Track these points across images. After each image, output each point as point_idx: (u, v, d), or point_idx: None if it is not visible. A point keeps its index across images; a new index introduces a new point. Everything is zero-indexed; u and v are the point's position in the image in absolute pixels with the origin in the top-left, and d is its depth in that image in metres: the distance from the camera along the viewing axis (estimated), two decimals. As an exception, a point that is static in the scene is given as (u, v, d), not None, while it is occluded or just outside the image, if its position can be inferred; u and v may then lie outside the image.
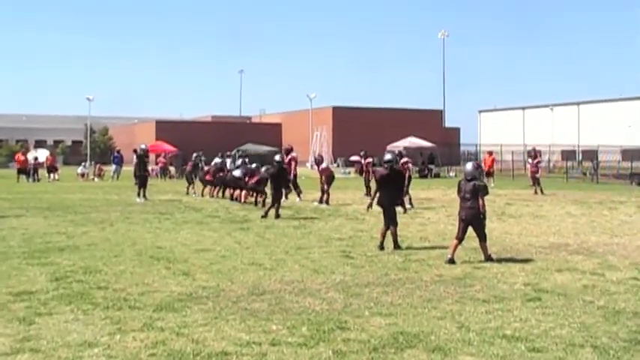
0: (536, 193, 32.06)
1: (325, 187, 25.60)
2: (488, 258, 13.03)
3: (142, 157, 29.01)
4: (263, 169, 24.92)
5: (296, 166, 27.31)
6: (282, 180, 22.34)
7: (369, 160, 32.72)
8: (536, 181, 32.82)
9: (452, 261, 12.75)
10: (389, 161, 15.23)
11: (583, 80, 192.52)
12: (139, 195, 27.73)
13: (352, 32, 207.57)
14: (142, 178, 28.14)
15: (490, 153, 45.78)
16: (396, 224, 14.73)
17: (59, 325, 8.46)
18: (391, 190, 14.96)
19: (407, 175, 24.15)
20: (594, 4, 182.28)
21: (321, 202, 25.46)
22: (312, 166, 27.34)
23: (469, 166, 13.80)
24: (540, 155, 34.63)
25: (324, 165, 26.25)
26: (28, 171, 48.79)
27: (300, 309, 9.34)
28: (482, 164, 45.11)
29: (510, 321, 8.70)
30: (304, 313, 9.09)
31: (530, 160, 34.41)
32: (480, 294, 10.23)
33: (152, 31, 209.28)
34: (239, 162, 29.57)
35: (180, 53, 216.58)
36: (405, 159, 24.00)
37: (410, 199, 23.97)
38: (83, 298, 9.94)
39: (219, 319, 8.77)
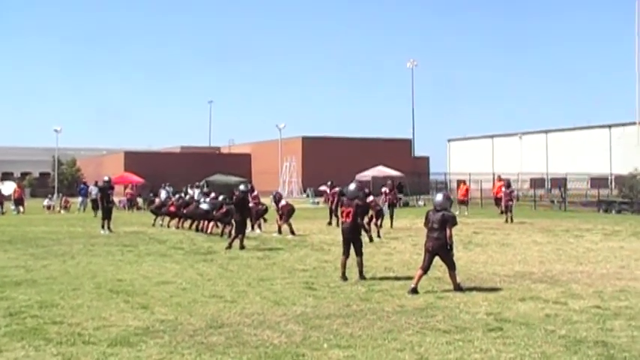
0: (507, 221, 32.09)
1: (284, 219, 25.51)
2: (458, 287, 12.96)
3: (105, 189, 28.66)
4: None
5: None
6: (246, 210, 22.11)
7: (336, 189, 32.72)
8: (508, 210, 32.87)
9: (415, 291, 12.66)
10: (353, 195, 15.23)
11: (551, 108, 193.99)
12: (102, 227, 27.41)
13: (321, 62, 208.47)
14: (106, 210, 27.86)
15: (464, 182, 46.06)
16: (361, 254, 14.65)
17: (7, 363, 8.22)
18: (357, 222, 14.86)
19: (377, 209, 24.35)
20: (561, 35, 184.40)
21: (280, 232, 25.33)
22: (272, 202, 27.15)
23: (439, 196, 13.76)
24: (509, 187, 34.69)
25: (282, 202, 26.13)
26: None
27: (258, 342, 9.17)
28: (457, 193, 45.43)
29: (471, 352, 8.59)
30: (262, 347, 8.92)
31: (503, 189, 34.41)
32: (441, 324, 10.12)
33: (120, 63, 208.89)
34: (208, 198, 29.15)
35: (149, 84, 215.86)
36: (371, 197, 23.97)
37: (378, 232, 23.97)
38: (36, 333, 9.70)
39: (174, 354, 8.59)
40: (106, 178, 30.02)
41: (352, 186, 15.78)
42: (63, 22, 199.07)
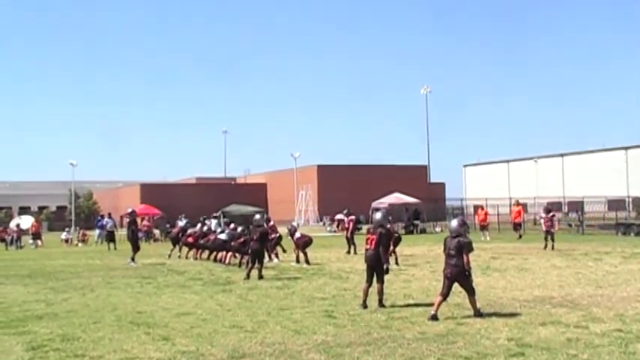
0: (549, 248, 30.30)
1: (300, 249, 25.60)
2: (478, 313, 12.94)
3: (133, 222, 28.97)
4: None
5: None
6: (266, 241, 22.15)
7: (352, 217, 32.77)
8: (551, 236, 30.91)
9: (435, 317, 12.64)
10: (379, 223, 15.24)
11: (566, 132, 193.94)
12: (133, 258, 27.48)
13: (335, 90, 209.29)
14: (134, 242, 27.98)
15: (482, 207, 46.00)
16: (383, 282, 14.67)
17: (32, 397, 8.26)
18: (380, 250, 14.85)
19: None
20: (575, 58, 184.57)
21: (298, 261, 25.41)
22: (287, 235, 27.23)
23: (454, 223, 13.75)
24: (550, 211, 32.91)
25: (297, 235, 26.21)
26: (5, 238, 49.18)
27: (280, 372, 9.17)
28: (476, 218, 45.13)
29: (493, 378, 8.57)
30: (284, 376, 8.92)
31: (543, 215, 33.00)
32: (462, 350, 10.09)
33: (134, 94, 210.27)
34: (227, 228, 29.30)
35: (164, 115, 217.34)
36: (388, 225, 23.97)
37: (396, 259, 23.86)
38: (59, 367, 9.74)
39: (196, 385, 8.59)
40: (130, 210, 30.42)
41: (379, 214, 15.78)
42: (78, 56, 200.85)
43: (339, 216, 47.09)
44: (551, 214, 32.24)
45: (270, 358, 9.97)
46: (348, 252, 30.48)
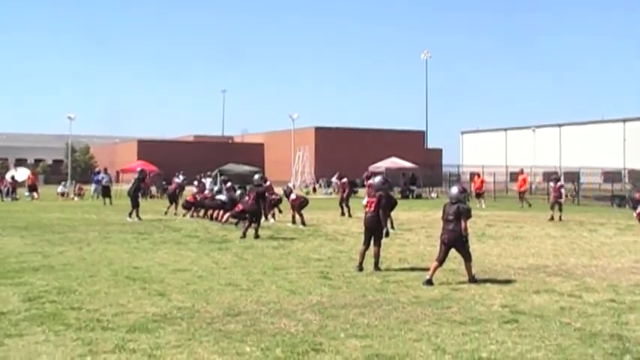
0: (552, 219, 29.37)
1: (296, 210, 25.67)
2: (472, 279, 13.00)
3: (140, 180, 29.39)
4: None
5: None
6: (263, 201, 22.20)
7: (344, 180, 32.77)
8: (558, 206, 29.80)
9: (430, 282, 12.70)
10: (378, 187, 15.28)
11: (565, 102, 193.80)
12: (137, 215, 27.80)
13: (335, 52, 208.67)
14: (132, 199, 28.18)
15: (478, 175, 46.05)
16: (380, 245, 14.73)
17: (29, 347, 8.31)
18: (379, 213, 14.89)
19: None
20: (575, 27, 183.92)
21: (293, 222, 25.48)
22: (283, 195, 27.29)
23: (454, 189, 13.76)
24: (558, 181, 31.34)
25: (293, 196, 26.28)
26: (1, 190, 49.12)
27: (275, 330, 9.23)
28: (472, 185, 45.17)
29: (487, 343, 8.62)
30: (279, 335, 8.98)
31: (552, 184, 32.03)
32: (457, 316, 10.15)
33: (134, 51, 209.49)
34: (225, 187, 29.46)
35: (163, 72, 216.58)
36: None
37: (392, 223, 23.87)
38: (55, 318, 9.78)
39: (192, 341, 8.64)
40: (139, 169, 31.21)
41: (378, 178, 15.95)
42: (80, 13, 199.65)
43: (333, 179, 47.02)
44: (559, 184, 31.29)
45: (265, 316, 10.02)
46: (342, 214, 30.53)
